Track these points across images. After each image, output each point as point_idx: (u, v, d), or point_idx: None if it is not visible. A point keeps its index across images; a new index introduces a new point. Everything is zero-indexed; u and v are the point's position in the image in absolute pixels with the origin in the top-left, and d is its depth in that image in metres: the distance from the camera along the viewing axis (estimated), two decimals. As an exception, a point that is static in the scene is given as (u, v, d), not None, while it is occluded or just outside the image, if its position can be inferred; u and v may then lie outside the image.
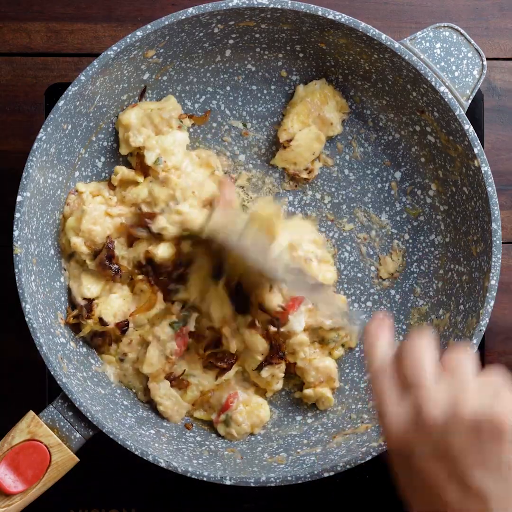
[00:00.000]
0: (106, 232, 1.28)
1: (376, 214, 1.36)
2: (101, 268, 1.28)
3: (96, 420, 1.21)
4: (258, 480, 1.22)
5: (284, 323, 1.29)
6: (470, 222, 1.29)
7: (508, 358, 1.43)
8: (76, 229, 1.28)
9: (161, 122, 1.30)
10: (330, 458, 1.25)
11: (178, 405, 1.31)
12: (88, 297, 1.29)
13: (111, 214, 1.29)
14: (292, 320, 1.29)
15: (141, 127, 1.30)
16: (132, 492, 1.38)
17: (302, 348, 1.31)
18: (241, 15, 1.24)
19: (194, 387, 1.31)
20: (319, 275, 1.30)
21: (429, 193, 1.35)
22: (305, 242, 1.31)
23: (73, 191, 1.30)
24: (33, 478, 1.19)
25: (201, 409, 1.33)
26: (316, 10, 1.22)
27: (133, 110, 1.30)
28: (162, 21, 1.21)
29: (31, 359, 1.28)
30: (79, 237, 1.28)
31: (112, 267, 1.28)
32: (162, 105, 1.31)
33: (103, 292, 1.30)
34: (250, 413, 1.32)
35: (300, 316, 1.30)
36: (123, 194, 1.30)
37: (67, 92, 1.21)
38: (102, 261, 1.28)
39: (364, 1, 1.43)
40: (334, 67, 1.33)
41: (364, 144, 1.36)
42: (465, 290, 1.29)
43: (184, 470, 1.22)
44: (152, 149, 1.28)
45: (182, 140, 1.31)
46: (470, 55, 1.25)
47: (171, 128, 1.31)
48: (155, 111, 1.30)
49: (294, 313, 1.29)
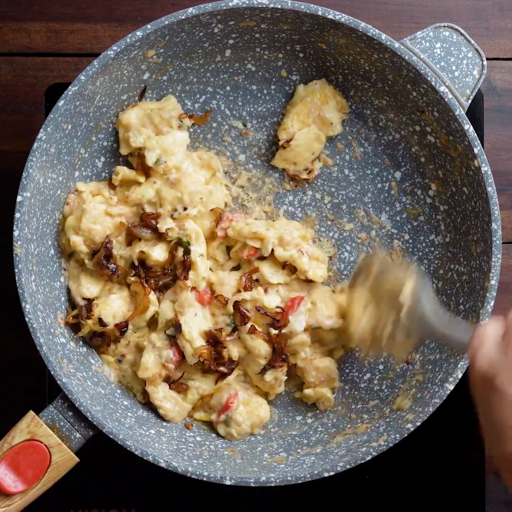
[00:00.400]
0: (106, 231, 1.28)
1: (376, 214, 1.36)
2: (99, 267, 1.28)
3: (96, 420, 1.21)
4: (258, 480, 1.22)
5: (285, 324, 1.29)
6: (470, 222, 1.29)
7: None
8: (76, 228, 1.28)
9: (161, 122, 1.30)
10: (330, 458, 1.25)
11: (179, 406, 1.31)
12: (87, 297, 1.29)
13: (111, 213, 1.29)
14: (292, 320, 1.29)
15: (141, 127, 1.30)
16: (132, 492, 1.38)
17: (303, 348, 1.31)
18: (241, 15, 1.24)
19: (194, 391, 1.31)
20: (309, 272, 1.30)
21: (429, 193, 1.35)
22: (295, 238, 1.31)
23: (73, 190, 1.30)
24: (33, 478, 1.19)
25: (201, 410, 1.33)
26: (316, 10, 1.22)
27: (133, 110, 1.30)
28: (162, 21, 1.21)
29: (31, 359, 1.28)
30: (79, 236, 1.28)
31: (109, 267, 1.28)
32: (162, 105, 1.31)
33: (102, 292, 1.30)
34: (250, 413, 1.32)
35: (300, 316, 1.29)
36: (126, 194, 1.30)
37: (67, 92, 1.21)
38: (100, 261, 1.28)
39: (364, 1, 1.43)
40: (334, 67, 1.33)
41: (364, 144, 1.36)
42: (465, 290, 1.29)
43: (184, 470, 1.22)
44: (152, 149, 1.28)
45: (182, 140, 1.31)
46: (470, 55, 1.25)
47: (171, 128, 1.31)
48: (155, 111, 1.30)
49: (294, 313, 1.29)
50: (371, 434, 1.26)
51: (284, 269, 1.31)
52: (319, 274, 1.31)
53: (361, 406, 1.34)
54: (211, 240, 1.32)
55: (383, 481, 1.38)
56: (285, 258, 1.29)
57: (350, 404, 1.35)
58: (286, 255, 1.29)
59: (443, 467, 1.38)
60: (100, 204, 1.29)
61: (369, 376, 1.36)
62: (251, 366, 1.31)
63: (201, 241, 1.29)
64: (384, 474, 1.37)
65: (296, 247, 1.30)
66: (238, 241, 1.31)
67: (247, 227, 1.30)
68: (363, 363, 1.35)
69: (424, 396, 1.25)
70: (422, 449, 1.37)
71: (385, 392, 1.33)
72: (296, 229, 1.32)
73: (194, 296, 1.29)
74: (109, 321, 1.28)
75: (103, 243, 1.28)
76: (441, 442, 1.38)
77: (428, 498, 1.38)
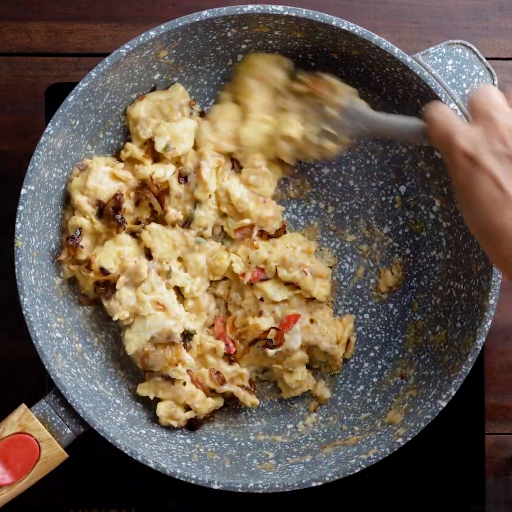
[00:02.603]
0: (110, 192, 1.28)
1: (378, 226, 1.36)
2: (107, 218, 1.28)
3: (88, 417, 1.21)
4: (246, 486, 1.22)
5: (280, 343, 1.29)
6: (472, 240, 1.28)
7: (508, 358, 1.43)
8: (81, 188, 1.28)
9: (171, 112, 1.30)
10: (319, 468, 1.25)
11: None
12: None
13: (117, 175, 1.29)
14: (288, 338, 1.30)
15: (150, 118, 1.30)
16: (132, 492, 1.37)
17: (300, 368, 1.32)
18: (255, 21, 1.24)
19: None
20: (313, 291, 1.31)
21: (433, 209, 1.35)
22: (298, 256, 1.31)
23: (79, 164, 1.30)
24: (21, 472, 1.19)
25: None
26: (330, 20, 1.22)
27: (141, 103, 1.30)
28: (176, 22, 1.21)
29: (27, 353, 1.28)
30: (84, 196, 1.28)
31: (117, 218, 1.27)
32: (171, 95, 1.31)
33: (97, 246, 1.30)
34: None
35: (296, 334, 1.30)
36: (136, 167, 1.30)
37: (77, 87, 1.21)
38: (108, 212, 1.27)
39: (364, 1, 1.43)
40: (345, 78, 1.32)
41: (371, 156, 1.36)
42: (463, 307, 1.29)
43: (172, 472, 1.22)
44: (162, 135, 1.29)
45: (191, 127, 1.31)
46: (481, 73, 1.25)
47: (183, 115, 1.31)
48: (164, 102, 1.30)
49: (289, 332, 1.30)
50: (361, 447, 1.26)
51: (286, 285, 1.32)
52: (323, 293, 1.32)
53: (353, 418, 1.33)
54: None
55: (383, 480, 1.37)
56: (289, 279, 1.31)
57: (342, 415, 1.35)
58: (289, 276, 1.30)
59: (443, 467, 1.38)
60: (107, 166, 1.29)
61: (363, 388, 1.36)
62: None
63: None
64: (383, 474, 1.36)
65: (299, 267, 1.30)
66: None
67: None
68: (357, 375, 1.34)
69: (416, 411, 1.25)
70: (422, 449, 1.36)
71: (377, 405, 1.33)
72: (299, 243, 1.33)
73: None
74: (111, 267, 1.28)
75: (113, 196, 1.27)
76: (441, 442, 1.38)
77: (428, 498, 1.38)
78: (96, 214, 1.28)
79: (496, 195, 0.94)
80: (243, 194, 1.31)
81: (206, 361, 1.31)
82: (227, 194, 1.30)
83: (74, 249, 1.28)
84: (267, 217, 1.32)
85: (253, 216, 1.31)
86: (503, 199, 0.94)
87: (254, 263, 1.31)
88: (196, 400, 1.30)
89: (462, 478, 1.38)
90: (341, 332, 1.33)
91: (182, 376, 1.28)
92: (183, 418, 1.30)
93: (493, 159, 0.96)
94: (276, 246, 1.32)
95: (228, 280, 1.34)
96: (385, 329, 1.37)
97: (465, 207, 1.01)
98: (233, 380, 1.32)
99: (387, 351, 1.36)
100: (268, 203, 1.32)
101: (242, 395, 1.32)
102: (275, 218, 1.33)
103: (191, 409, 1.30)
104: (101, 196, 1.28)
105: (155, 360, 1.28)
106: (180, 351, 1.28)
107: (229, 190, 1.30)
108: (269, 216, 1.32)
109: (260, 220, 1.31)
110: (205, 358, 1.31)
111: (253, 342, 1.31)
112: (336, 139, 1.25)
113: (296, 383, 1.33)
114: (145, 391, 1.30)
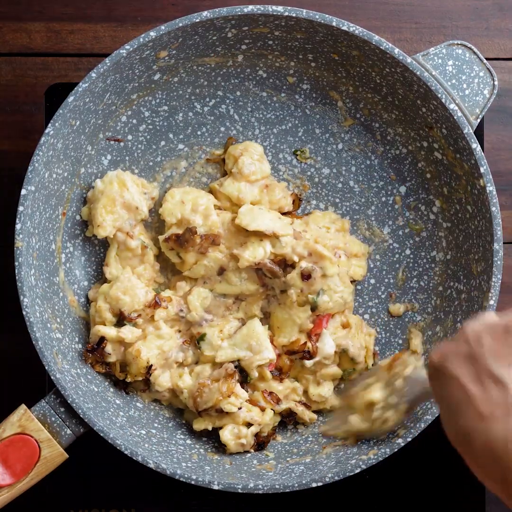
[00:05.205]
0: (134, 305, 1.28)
1: (378, 227, 1.36)
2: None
3: (88, 418, 1.21)
4: (246, 486, 1.22)
5: (314, 352, 1.29)
6: (472, 240, 1.29)
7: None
8: (106, 295, 1.29)
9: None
10: (319, 469, 1.25)
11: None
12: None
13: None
14: (320, 346, 1.29)
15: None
16: (132, 492, 1.37)
17: (328, 384, 1.32)
18: (255, 21, 1.24)
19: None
20: (350, 271, 1.30)
21: (433, 209, 1.35)
22: (332, 236, 1.30)
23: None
24: (21, 472, 1.19)
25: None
26: (331, 21, 1.22)
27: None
28: (176, 23, 1.21)
29: (27, 353, 1.28)
30: (106, 303, 1.28)
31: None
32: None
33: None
34: None
35: (326, 337, 1.29)
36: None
37: (77, 88, 1.21)
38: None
39: (364, 1, 1.43)
40: (345, 78, 1.33)
41: (371, 156, 1.36)
42: (463, 308, 1.29)
43: (172, 472, 1.22)
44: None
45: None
46: (482, 74, 1.25)
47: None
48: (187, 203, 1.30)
49: (320, 339, 1.29)
50: (361, 447, 1.26)
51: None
52: (360, 273, 1.33)
53: (353, 418, 1.34)
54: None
55: (383, 481, 1.37)
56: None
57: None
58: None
59: (443, 467, 1.38)
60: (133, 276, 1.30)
61: (363, 389, 1.36)
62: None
63: None
64: (383, 474, 1.36)
65: (333, 250, 1.29)
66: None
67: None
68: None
69: (416, 412, 1.25)
70: (422, 449, 1.36)
71: (377, 405, 1.33)
72: (332, 222, 1.32)
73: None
74: (155, 362, 1.28)
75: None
76: (441, 442, 1.37)
77: (428, 498, 1.38)
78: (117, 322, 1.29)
79: (460, 397, 0.93)
80: None
81: (256, 386, 1.31)
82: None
83: (101, 355, 1.28)
84: (278, 199, 1.32)
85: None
86: (466, 400, 0.93)
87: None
88: (254, 413, 1.28)
89: (462, 478, 1.38)
90: (367, 342, 1.33)
91: (235, 408, 1.27)
92: (249, 434, 1.28)
93: (458, 361, 0.94)
94: (309, 225, 1.31)
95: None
96: (385, 330, 1.37)
97: (442, 417, 0.98)
98: (288, 397, 1.31)
99: (387, 351, 1.36)
100: (273, 185, 1.32)
101: (300, 410, 1.31)
102: (285, 196, 1.33)
103: (252, 424, 1.29)
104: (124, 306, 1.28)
105: (208, 395, 1.27)
106: (234, 385, 1.28)
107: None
108: (279, 198, 1.32)
109: (272, 204, 1.32)
110: (254, 385, 1.31)
111: (291, 353, 1.30)
112: (399, 410, 1.21)
113: (318, 396, 1.32)
114: (202, 425, 1.29)
